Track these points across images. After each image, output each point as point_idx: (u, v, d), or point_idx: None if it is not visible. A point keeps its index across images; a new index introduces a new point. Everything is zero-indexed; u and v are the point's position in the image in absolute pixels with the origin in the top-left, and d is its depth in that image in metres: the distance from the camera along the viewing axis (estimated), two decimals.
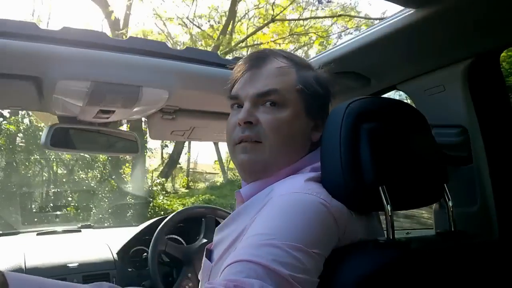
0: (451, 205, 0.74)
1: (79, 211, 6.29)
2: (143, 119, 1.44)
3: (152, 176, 8.51)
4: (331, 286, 0.57)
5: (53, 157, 6.67)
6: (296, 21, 9.14)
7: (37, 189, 6.60)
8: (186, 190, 12.56)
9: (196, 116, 1.31)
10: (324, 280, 0.57)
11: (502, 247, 0.84)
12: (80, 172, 6.94)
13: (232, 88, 0.81)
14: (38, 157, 6.36)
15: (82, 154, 6.30)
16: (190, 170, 15.71)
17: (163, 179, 8.85)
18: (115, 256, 1.61)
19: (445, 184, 0.75)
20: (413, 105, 0.99)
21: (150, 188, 7.66)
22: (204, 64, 1.07)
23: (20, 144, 6.38)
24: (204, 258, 0.78)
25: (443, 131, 0.94)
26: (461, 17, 0.76)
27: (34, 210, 6.24)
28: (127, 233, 1.70)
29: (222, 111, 1.27)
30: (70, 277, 1.44)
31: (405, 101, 1.01)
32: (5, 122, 6.09)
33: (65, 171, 6.93)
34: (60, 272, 1.45)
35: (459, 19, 0.77)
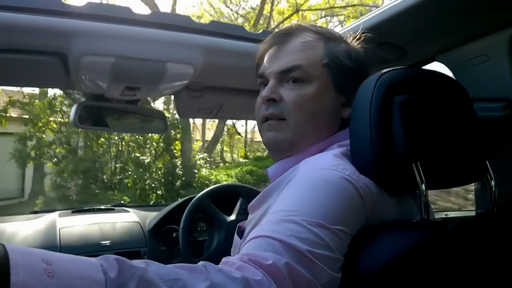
0: (493, 184, 0.69)
1: (137, 181, 7.39)
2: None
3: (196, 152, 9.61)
4: (359, 266, 0.54)
5: (117, 138, 7.86)
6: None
7: (106, 164, 8.04)
8: (244, 160, 13.90)
9: (223, 93, 1.29)
10: (352, 259, 0.54)
11: None
12: (140, 149, 8.15)
13: (259, 66, 0.80)
14: (106, 135, 7.65)
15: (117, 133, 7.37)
16: (248, 139, 16.19)
17: (206, 154, 9.95)
18: (147, 234, 1.64)
19: (487, 161, 0.69)
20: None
21: (195, 162, 8.79)
22: (230, 38, 1.04)
23: None
24: (235, 235, 0.79)
25: (486, 105, 0.87)
26: None
27: (105, 180, 7.77)
28: (159, 213, 1.73)
29: (250, 88, 1.24)
30: (102, 254, 1.48)
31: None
32: None
33: (128, 148, 8.11)
34: (93, 249, 1.49)
35: None
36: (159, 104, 8.85)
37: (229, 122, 12.59)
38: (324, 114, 0.73)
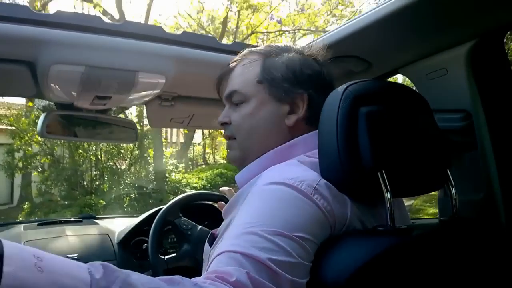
0: (454, 191, 0.72)
1: (112, 186, 8.29)
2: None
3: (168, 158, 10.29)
4: (327, 274, 0.55)
5: (96, 147, 8.67)
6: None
7: (85, 172, 8.94)
8: (224, 162, 14.52)
9: (195, 103, 1.29)
10: (320, 267, 0.56)
11: (508, 234, 0.82)
12: (117, 158, 9.14)
13: None
14: (86, 146, 8.53)
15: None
16: None
17: (175, 160, 10.54)
18: (116, 246, 1.60)
19: (448, 170, 0.73)
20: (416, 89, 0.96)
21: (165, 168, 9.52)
22: (202, 49, 1.04)
23: None
24: (206, 243, 0.80)
25: (446, 116, 0.91)
26: None
27: (85, 185, 8.73)
28: (128, 224, 1.69)
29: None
30: None
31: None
32: None
33: (107, 157, 8.94)
34: None
35: None
36: (131, 115, 9.00)
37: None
38: (264, 127, 0.77)
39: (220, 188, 1.26)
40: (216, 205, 1.33)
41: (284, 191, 0.61)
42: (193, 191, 1.48)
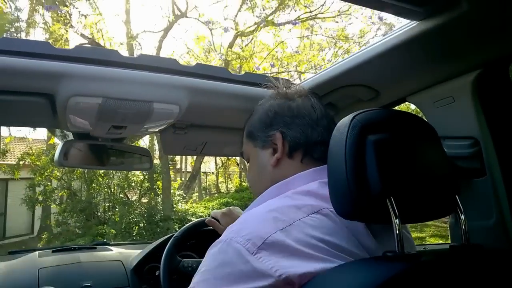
0: (463, 218, 0.72)
1: (123, 217, 8.85)
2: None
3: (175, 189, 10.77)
4: None
5: (108, 181, 9.74)
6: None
7: (99, 204, 9.90)
8: (236, 193, 15.08)
9: (208, 131, 1.33)
10: None
11: None
12: (128, 189, 10.08)
13: None
14: (100, 180, 9.64)
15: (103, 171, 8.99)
16: (243, 170, 16.65)
17: (182, 191, 11.07)
18: (129, 273, 1.61)
19: (457, 197, 0.73)
20: (424, 117, 0.98)
21: (173, 198, 10.03)
22: (214, 79, 1.09)
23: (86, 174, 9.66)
24: None
25: (455, 142, 0.92)
26: (466, 27, 0.76)
27: (98, 215, 9.61)
28: (141, 251, 1.70)
29: (233, 126, 1.28)
30: None
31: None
32: None
33: (118, 190, 9.86)
34: None
35: (463, 29, 0.76)
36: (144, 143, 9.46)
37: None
38: (258, 176, 0.84)
39: (212, 212, 1.28)
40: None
41: (225, 252, 0.63)
42: (201, 218, 1.47)
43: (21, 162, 9.95)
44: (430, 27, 0.76)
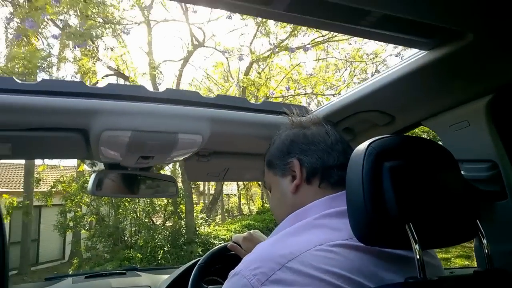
0: (485, 242, 0.72)
1: (148, 241, 9.07)
2: None
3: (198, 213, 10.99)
4: None
5: (134, 206, 10.07)
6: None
7: (125, 229, 10.19)
8: (257, 215, 15.37)
9: (229, 157, 1.37)
10: None
11: None
12: (153, 214, 10.41)
13: None
14: (126, 205, 9.93)
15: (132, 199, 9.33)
16: (264, 192, 16.76)
17: (204, 214, 11.32)
18: None
19: (478, 221, 0.73)
20: (440, 141, 0.99)
21: (196, 221, 10.23)
22: (234, 109, 1.14)
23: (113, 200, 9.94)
24: None
25: (473, 165, 0.93)
26: (474, 56, 0.78)
27: (125, 240, 9.96)
28: (170, 276, 1.73)
29: (254, 152, 1.32)
30: None
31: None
32: None
33: (143, 215, 10.21)
34: None
35: (472, 58, 0.78)
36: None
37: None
38: (280, 204, 0.86)
39: (233, 237, 1.29)
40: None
41: (232, 286, 0.67)
42: (206, 256, 1.48)
43: (53, 190, 10.33)
44: (439, 56, 0.78)
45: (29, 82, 0.95)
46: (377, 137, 0.71)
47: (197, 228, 9.97)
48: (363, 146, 0.70)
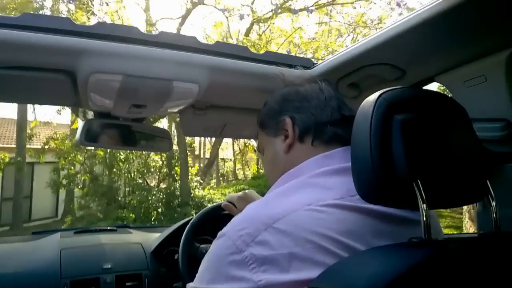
0: (494, 204, 0.69)
1: (141, 201, 9.15)
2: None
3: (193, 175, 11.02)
4: (359, 282, 0.53)
5: (129, 166, 10.21)
6: None
7: (119, 189, 10.41)
8: (253, 180, 15.64)
9: (227, 112, 1.32)
10: (350, 275, 0.54)
11: None
12: (147, 175, 10.60)
13: None
14: (120, 165, 10.06)
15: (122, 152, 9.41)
16: (260, 157, 17.36)
17: (199, 177, 11.24)
18: (148, 256, 1.63)
19: (488, 182, 0.70)
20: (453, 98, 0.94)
21: (191, 184, 10.25)
22: (235, 58, 1.07)
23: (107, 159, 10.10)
24: None
25: (485, 125, 0.88)
26: (498, 1, 0.71)
27: (119, 200, 10.11)
28: (161, 234, 1.72)
29: (252, 107, 1.26)
30: (103, 276, 1.48)
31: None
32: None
33: (138, 175, 10.28)
34: (94, 271, 1.49)
35: (496, 3, 0.72)
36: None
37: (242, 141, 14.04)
38: (273, 166, 0.83)
39: (228, 196, 1.26)
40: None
41: (219, 247, 0.65)
42: (199, 215, 1.46)
43: (46, 146, 10.28)
44: (459, 1, 0.71)
45: (9, 15, 0.87)
46: (388, 88, 0.66)
47: (192, 191, 10.01)
48: (373, 97, 0.66)
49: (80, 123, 1.21)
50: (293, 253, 0.58)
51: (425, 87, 1.07)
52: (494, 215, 0.69)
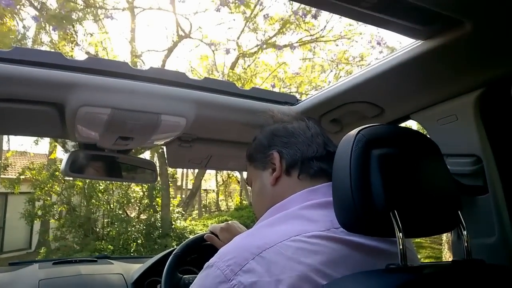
0: (465, 233, 0.73)
1: (120, 233, 8.83)
2: None
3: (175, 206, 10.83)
4: None
5: (108, 197, 9.89)
6: None
7: (97, 220, 10.07)
8: (235, 211, 15.38)
9: (213, 144, 1.34)
10: None
11: None
12: (128, 205, 10.17)
13: None
14: (99, 196, 9.72)
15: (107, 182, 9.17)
16: (243, 188, 16.85)
17: (180, 208, 11.00)
18: (130, 287, 1.59)
19: (460, 213, 0.74)
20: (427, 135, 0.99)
21: (172, 215, 10.05)
22: (221, 93, 1.11)
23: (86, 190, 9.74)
24: None
25: (457, 160, 0.93)
26: (469, 48, 0.78)
27: (97, 231, 9.74)
28: (143, 265, 1.69)
29: (238, 140, 1.29)
30: None
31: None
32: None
33: (117, 206, 9.89)
34: None
35: (467, 49, 0.78)
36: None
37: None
38: (259, 198, 0.86)
39: (211, 226, 1.25)
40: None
41: (206, 277, 0.67)
42: (182, 246, 1.44)
43: (21, 177, 9.96)
44: (434, 46, 0.78)
45: (1, 49, 0.89)
46: (367, 125, 0.71)
47: (173, 222, 9.84)
48: (352, 133, 0.70)
49: (65, 155, 1.21)
50: (280, 280, 0.60)
51: (401, 124, 1.13)
52: (466, 244, 0.73)
